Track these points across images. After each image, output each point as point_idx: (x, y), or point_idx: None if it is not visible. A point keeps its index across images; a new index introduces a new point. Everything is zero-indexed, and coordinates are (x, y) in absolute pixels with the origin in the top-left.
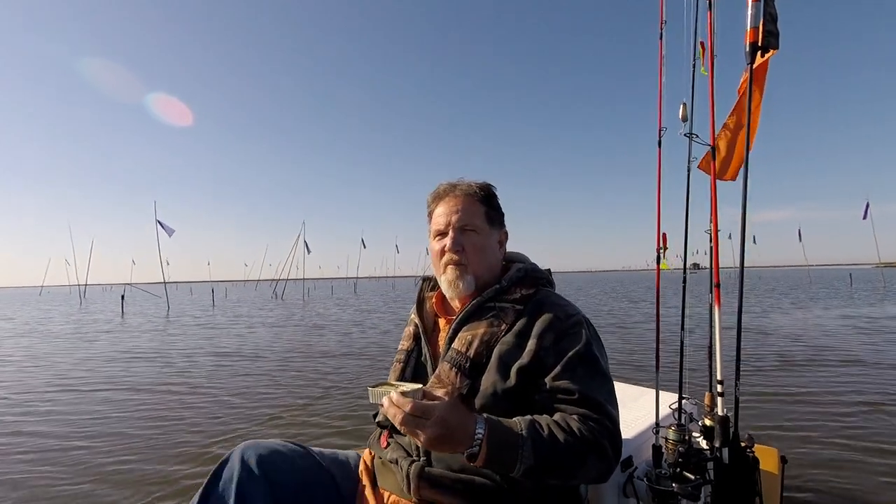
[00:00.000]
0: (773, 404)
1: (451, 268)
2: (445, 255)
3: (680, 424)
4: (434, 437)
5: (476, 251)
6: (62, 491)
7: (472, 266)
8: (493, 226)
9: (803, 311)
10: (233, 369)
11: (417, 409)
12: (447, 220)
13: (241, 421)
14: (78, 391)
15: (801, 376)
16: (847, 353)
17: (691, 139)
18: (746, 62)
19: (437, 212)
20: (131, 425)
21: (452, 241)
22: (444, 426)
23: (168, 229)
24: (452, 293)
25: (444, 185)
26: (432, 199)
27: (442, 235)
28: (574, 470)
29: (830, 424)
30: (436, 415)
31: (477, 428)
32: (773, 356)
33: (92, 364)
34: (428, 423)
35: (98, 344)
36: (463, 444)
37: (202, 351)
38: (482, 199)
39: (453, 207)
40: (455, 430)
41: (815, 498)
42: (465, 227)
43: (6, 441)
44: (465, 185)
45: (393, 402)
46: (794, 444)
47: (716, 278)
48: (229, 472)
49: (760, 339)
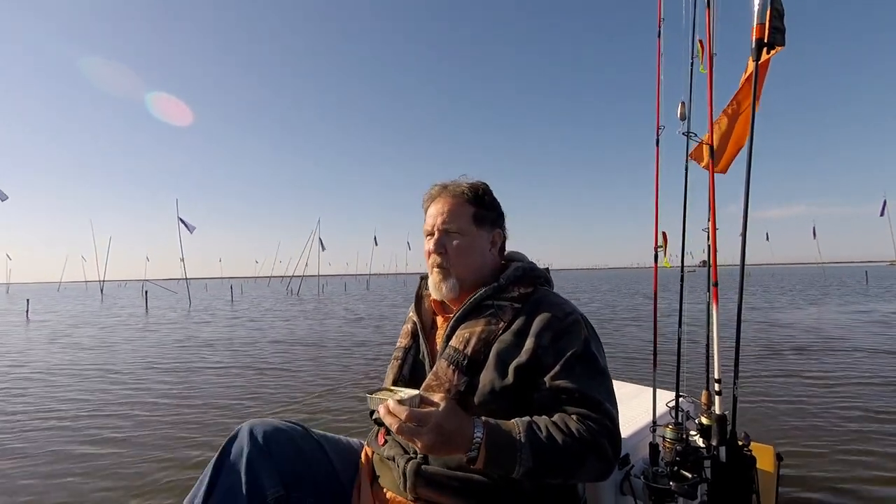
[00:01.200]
0: (770, 401)
1: (435, 270)
2: (430, 257)
3: (677, 423)
4: (430, 444)
5: (459, 254)
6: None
7: (455, 269)
8: (481, 226)
9: (817, 306)
10: (303, 353)
11: (413, 417)
12: (433, 222)
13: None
14: (216, 368)
15: (802, 371)
16: (853, 347)
17: (689, 138)
18: (752, 58)
19: (427, 212)
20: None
21: (435, 244)
22: (439, 433)
23: (189, 226)
24: (436, 295)
25: (437, 187)
26: (424, 200)
27: (429, 236)
28: (573, 470)
29: (828, 420)
30: (431, 422)
31: (475, 431)
32: (769, 352)
33: (191, 346)
34: (424, 431)
35: (164, 333)
36: (462, 448)
37: (264, 339)
38: (471, 199)
39: (440, 209)
40: (452, 436)
41: (811, 495)
42: (448, 230)
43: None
44: (455, 186)
45: (389, 411)
46: (789, 441)
47: (714, 277)
48: (238, 446)
49: (767, 335)
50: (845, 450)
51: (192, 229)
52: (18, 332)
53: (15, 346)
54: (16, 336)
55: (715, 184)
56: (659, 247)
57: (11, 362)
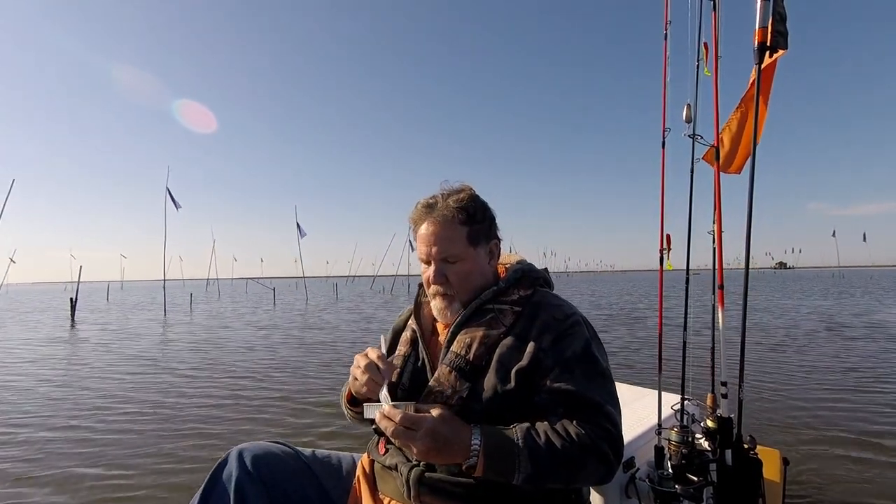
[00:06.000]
0: (777, 404)
1: (437, 298)
2: (431, 286)
3: (682, 426)
4: (426, 449)
5: (460, 280)
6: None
7: (459, 294)
8: (478, 245)
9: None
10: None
11: (406, 420)
12: (427, 251)
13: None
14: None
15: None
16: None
17: (695, 140)
18: (754, 62)
19: (418, 236)
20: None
21: (436, 274)
22: (434, 438)
23: (303, 231)
24: (441, 320)
25: (421, 208)
26: (413, 219)
27: (426, 264)
28: (573, 475)
29: (835, 423)
30: (425, 426)
31: (473, 439)
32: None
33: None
34: (418, 435)
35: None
36: (460, 456)
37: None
38: (463, 220)
39: (432, 237)
40: (448, 442)
41: (817, 500)
42: (446, 259)
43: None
44: (443, 207)
45: (385, 415)
46: (796, 444)
47: (719, 280)
48: (227, 472)
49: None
50: (855, 457)
51: (304, 235)
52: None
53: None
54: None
55: (721, 185)
56: (664, 249)
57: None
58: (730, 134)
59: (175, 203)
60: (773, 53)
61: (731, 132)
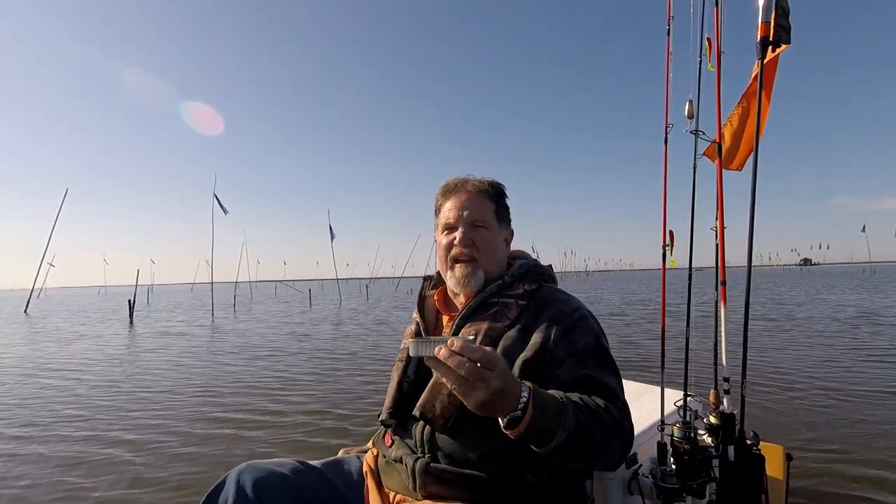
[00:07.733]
0: (781, 400)
1: (460, 265)
2: (454, 249)
3: (685, 422)
4: (495, 391)
5: (486, 247)
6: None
7: (483, 262)
8: (501, 223)
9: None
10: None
11: (485, 357)
12: (457, 215)
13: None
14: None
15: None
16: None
17: (697, 136)
18: (757, 57)
19: (446, 206)
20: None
21: (463, 235)
22: (506, 379)
23: (332, 233)
24: (460, 290)
25: (455, 180)
26: (441, 194)
27: (450, 230)
28: (605, 445)
29: (838, 419)
30: (501, 366)
31: (522, 391)
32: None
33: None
34: (494, 375)
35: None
36: (509, 407)
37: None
38: (492, 196)
39: (465, 202)
40: (509, 387)
41: (821, 495)
42: (475, 223)
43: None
44: (477, 181)
45: (455, 350)
46: (799, 440)
47: (721, 276)
48: (224, 496)
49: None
50: (859, 452)
51: (333, 238)
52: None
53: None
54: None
55: (723, 181)
56: (666, 245)
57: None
58: (731, 130)
59: (223, 208)
60: (775, 48)
61: (732, 128)
